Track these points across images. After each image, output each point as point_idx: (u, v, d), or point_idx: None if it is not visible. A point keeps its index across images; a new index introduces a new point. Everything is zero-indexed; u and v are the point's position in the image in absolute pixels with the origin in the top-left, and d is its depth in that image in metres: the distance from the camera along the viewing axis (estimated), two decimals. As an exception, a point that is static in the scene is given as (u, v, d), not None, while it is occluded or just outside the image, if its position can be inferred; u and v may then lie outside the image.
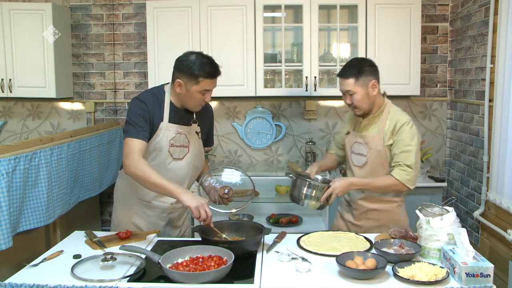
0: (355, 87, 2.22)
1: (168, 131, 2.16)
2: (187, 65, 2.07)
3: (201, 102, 2.15)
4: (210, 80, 2.09)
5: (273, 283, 1.67)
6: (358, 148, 2.33)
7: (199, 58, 2.09)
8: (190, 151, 2.25)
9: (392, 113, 2.29)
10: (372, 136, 2.28)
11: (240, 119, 4.03)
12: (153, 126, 2.14)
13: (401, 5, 3.57)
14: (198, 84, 2.08)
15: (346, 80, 2.23)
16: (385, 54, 3.59)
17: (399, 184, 2.18)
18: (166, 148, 2.17)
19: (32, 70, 3.66)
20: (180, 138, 2.20)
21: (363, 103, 2.24)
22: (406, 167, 2.18)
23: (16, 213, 2.39)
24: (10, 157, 2.32)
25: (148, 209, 2.29)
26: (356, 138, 2.35)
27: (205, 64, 2.07)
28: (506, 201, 2.78)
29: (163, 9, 3.63)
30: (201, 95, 2.11)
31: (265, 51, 3.67)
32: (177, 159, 2.21)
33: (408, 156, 2.19)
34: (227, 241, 1.90)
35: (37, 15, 3.62)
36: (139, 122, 2.09)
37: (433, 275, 1.64)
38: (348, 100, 2.26)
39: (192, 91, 2.09)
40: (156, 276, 1.74)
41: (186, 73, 2.07)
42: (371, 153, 2.26)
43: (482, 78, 3.23)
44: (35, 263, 1.85)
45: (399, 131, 2.21)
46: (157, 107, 2.15)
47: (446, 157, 3.98)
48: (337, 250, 1.92)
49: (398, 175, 2.18)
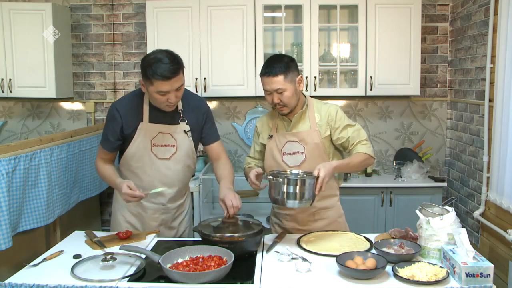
0: (285, 84, 2.12)
1: (148, 131, 2.15)
2: (143, 65, 2.02)
3: (166, 102, 2.05)
4: (163, 81, 1.97)
5: (273, 283, 1.67)
6: (292, 148, 2.23)
7: (156, 58, 1.98)
8: (178, 151, 2.21)
9: (316, 105, 2.27)
10: (306, 131, 2.22)
11: (240, 119, 4.03)
12: (129, 130, 2.15)
13: (401, 5, 3.57)
14: (152, 85, 2.00)
15: (275, 78, 2.11)
16: (385, 54, 3.59)
17: (368, 157, 2.19)
18: (148, 148, 2.16)
19: (32, 70, 3.66)
20: (163, 138, 2.17)
21: (292, 100, 2.17)
22: (365, 141, 2.22)
23: (16, 213, 2.38)
24: (10, 157, 2.32)
25: (141, 209, 2.29)
26: (286, 138, 2.24)
27: (160, 64, 1.96)
28: (506, 201, 2.78)
29: (163, 9, 3.63)
30: (160, 96, 2.02)
31: (265, 51, 3.67)
32: (163, 159, 2.19)
33: (359, 133, 2.23)
34: (227, 241, 1.89)
35: (37, 15, 3.62)
36: (107, 132, 2.17)
37: (433, 275, 1.64)
38: (276, 99, 2.14)
39: (150, 92, 2.03)
40: (156, 276, 1.74)
41: (143, 73, 2.03)
42: (309, 148, 2.21)
43: (482, 78, 3.23)
44: (35, 263, 1.85)
45: (336, 118, 2.22)
46: (134, 109, 2.16)
47: (446, 157, 3.98)
48: (337, 250, 1.92)
49: (365, 150, 2.19)
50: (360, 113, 3.99)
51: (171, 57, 2.01)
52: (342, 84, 3.81)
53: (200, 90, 3.64)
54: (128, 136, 2.16)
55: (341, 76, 3.80)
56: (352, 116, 3.98)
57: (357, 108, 3.98)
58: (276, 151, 2.27)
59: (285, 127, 2.29)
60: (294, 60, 2.20)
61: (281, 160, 2.25)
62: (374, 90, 3.62)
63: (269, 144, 2.30)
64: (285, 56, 2.22)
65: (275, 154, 2.27)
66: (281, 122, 2.30)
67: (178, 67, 2.02)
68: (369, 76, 3.60)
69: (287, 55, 2.24)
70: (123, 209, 2.32)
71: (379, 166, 3.90)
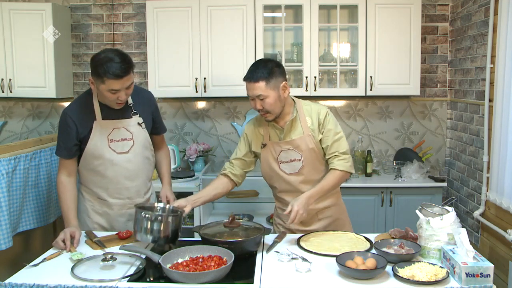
0: (266, 90, 2.08)
1: (103, 128, 2.19)
2: (94, 64, 2.05)
3: (116, 100, 2.10)
4: (115, 80, 2.02)
5: (273, 283, 1.67)
6: (287, 156, 2.20)
7: (106, 57, 2.02)
8: (135, 143, 2.25)
9: (306, 109, 2.23)
10: (300, 138, 2.18)
11: (240, 119, 4.03)
12: (84, 132, 2.17)
13: (401, 5, 3.57)
14: (104, 84, 2.04)
15: (256, 84, 2.08)
16: (385, 54, 3.59)
17: (344, 173, 2.17)
18: (105, 145, 2.20)
19: (32, 70, 3.66)
20: (119, 132, 2.21)
21: (275, 107, 2.12)
22: (342, 155, 2.17)
23: (16, 213, 2.38)
24: (10, 157, 2.32)
25: (107, 207, 2.31)
26: (281, 147, 2.21)
27: (111, 63, 2.00)
28: (506, 201, 2.78)
29: (163, 9, 3.63)
30: (111, 94, 2.07)
31: (265, 51, 3.67)
32: (122, 153, 2.23)
33: (339, 144, 2.18)
34: (227, 241, 1.90)
35: (37, 15, 3.62)
36: (62, 140, 2.19)
37: (433, 275, 1.64)
38: (259, 105, 2.11)
39: (101, 90, 2.08)
40: (156, 276, 1.74)
41: (94, 71, 2.06)
42: (305, 154, 2.19)
43: (482, 78, 3.23)
44: (35, 263, 1.85)
45: (324, 122, 2.19)
46: (86, 111, 2.19)
47: (446, 157, 3.98)
48: (337, 250, 1.92)
49: (341, 166, 2.16)
50: (360, 113, 3.99)
51: (122, 57, 2.05)
52: (342, 84, 3.81)
53: (200, 90, 3.64)
54: (85, 138, 2.19)
55: (341, 76, 3.80)
56: (352, 116, 3.98)
57: (357, 108, 3.98)
58: (272, 160, 2.24)
59: (277, 135, 2.24)
60: (280, 66, 2.15)
61: (278, 168, 2.24)
62: (374, 90, 3.62)
63: (263, 153, 2.27)
64: (271, 61, 2.16)
65: (272, 163, 2.25)
66: (272, 130, 2.25)
67: (129, 66, 2.07)
68: (369, 76, 3.60)
69: (273, 60, 2.18)
70: (87, 211, 2.33)
71: (379, 166, 3.90)
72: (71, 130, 2.17)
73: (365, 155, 3.73)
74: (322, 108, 2.23)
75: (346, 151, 2.20)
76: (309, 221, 2.28)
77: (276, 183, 2.29)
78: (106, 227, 2.34)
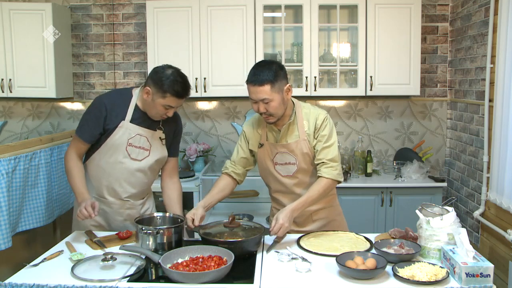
0: (272, 94, 2.02)
1: (127, 130, 2.21)
2: (160, 77, 2.10)
3: (163, 115, 2.19)
4: (176, 98, 2.11)
5: (273, 283, 1.67)
6: (283, 158, 2.19)
7: (173, 75, 2.10)
8: (150, 155, 2.28)
9: (305, 112, 2.19)
10: (295, 142, 2.16)
11: (240, 119, 4.03)
12: (111, 125, 2.19)
13: (401, 5, 3.57)
14: (164, 99, 2.11)
15: (261, 88, 2.01)
16: (385, 54, 3.59)
17: (331, 181, 2.13)
18: (123, 146, 2.21)
19: (32, 70, 3.66)
20: (140, 140, 2.24)
21: (279, 110, 2.08)
22: (330, 162, 2.13)
23: (15, 213, 2.38)
24: (10, 157, 2.32)
25: (105, 205, 2.30)
26: (277, 149, 2.19)
27: (177, 82, 2.09)
28: (506, 201, 2.78)
29: (163, 9, 3.63)
30: (164, 109, 2.15)
31: (265, 51, 3.67)
32: (135, 159, 2.25)
33: (329, 150, 2.14)
34: (227, 241, 1.90)
35: (37, 15, 3.62)
36: (89, 122, 2.20)
37: (433, 275, 1.64)
38: (262, 108, 2.06)
39: (157, 103, 2.13)
40: (156, 276, 1.74)
41: (157, 84, 2.10)
42: (300, 159, 2.17)
43: (482, 78, 3.23)
44: (35, 263, 1.85)
45: (321, 127, 2.15)
46: (120, 106, 2.21)
47: (446, 157, 3.98)
48: (337, 250, 1.92)
49: (328, 174, 2.11)
50: (360, 113, 3.99)
51: (185, 78, 2.15)
52: (342, 84, 3.81)
53: (200, 90, 3.64)
54: (108, 131, 2.20)
55: (341, 76, 3.80)
56: (352, 116, 3.98)
57: (357, 108, 3.98)
58: (268, 160, 2.24)
59: (274, 137, 2.23)
60: (283, 68, 2.10)
61: (273, 169, 2.24)
62: (374, 90, 3.62)
63: (260, 152, 2.26)
64: (274, 62, 2.10)
65: (267, 163, 2.25)
66: (270, 132, 2.24)
67: (190, 88, 2.17)
68: (369, 76, 3.60)
69: (276, 62, 2.13)
70: None
71: (379, 166, 3.90)
72: (101, 116, 2.18)
73: (365, 155, 3.72)
74: (321, 113, 2.20)
75: (334, 158, 2.14)
76: (303, 222, 2.29)
77: (271, 183, 2.30)
78: (103, 226, 2.34)
